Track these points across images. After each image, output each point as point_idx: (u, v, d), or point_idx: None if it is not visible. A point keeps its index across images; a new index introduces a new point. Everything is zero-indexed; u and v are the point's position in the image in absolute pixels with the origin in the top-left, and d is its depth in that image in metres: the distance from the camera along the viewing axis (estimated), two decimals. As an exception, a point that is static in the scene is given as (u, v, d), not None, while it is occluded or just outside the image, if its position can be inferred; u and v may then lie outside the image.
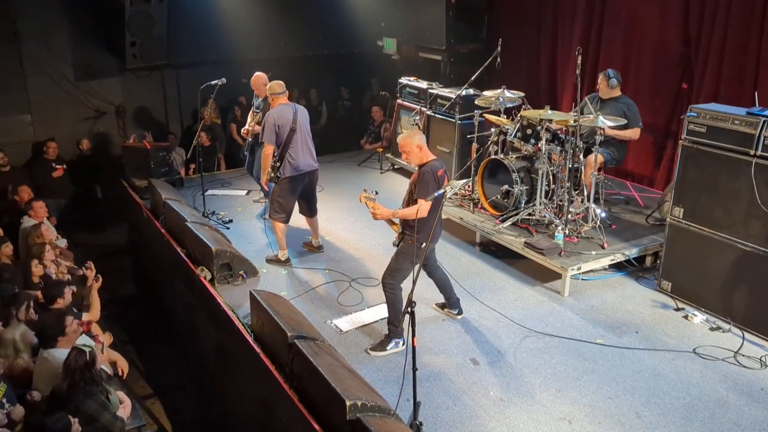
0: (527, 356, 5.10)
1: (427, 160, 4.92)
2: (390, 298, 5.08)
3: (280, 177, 6.31)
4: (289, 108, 6.31)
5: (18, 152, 9.34)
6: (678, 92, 7.62)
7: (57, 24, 9.50)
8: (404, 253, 5.01)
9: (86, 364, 4.19)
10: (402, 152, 5.02)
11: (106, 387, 4.40)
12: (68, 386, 4.15)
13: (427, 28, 9.99)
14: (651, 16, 7.70)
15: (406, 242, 4.98)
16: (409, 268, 5.03)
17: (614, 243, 6.37)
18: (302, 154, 6.32)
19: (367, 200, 4.98)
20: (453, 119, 8.17)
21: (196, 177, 8.26)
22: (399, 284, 5.07)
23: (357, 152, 10.55)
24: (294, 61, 11.15)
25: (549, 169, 6.55)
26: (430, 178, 4.80)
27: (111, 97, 10.19)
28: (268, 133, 6.18)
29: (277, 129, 6.18)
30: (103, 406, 4.14)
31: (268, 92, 6.44)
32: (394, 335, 5.12)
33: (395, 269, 5.06)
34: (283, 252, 6.58)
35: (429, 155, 4.96)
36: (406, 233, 4.99)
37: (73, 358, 4.20)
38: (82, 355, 4.20)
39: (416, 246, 4.83)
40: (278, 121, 6.19)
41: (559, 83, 9.11)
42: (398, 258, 5.06)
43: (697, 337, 5.32)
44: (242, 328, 5.27)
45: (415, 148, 4.89)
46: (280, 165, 6.28)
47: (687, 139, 5.58)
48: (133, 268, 8.83)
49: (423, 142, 4.94)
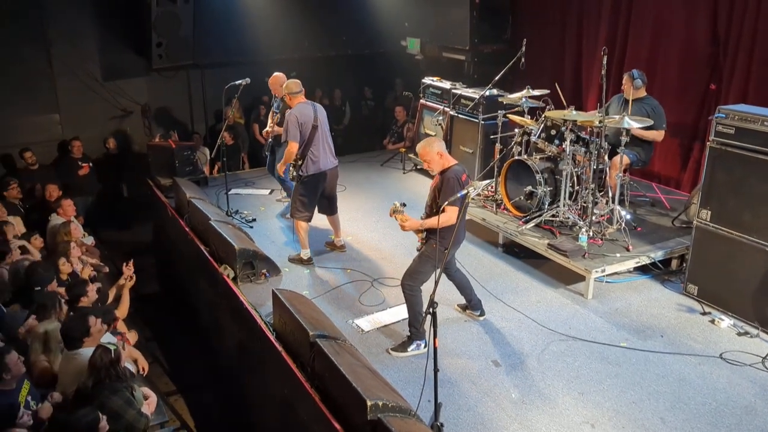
0: (550, 359, 5.06)
1: (449, 166, 4.89)
2: (409, 299, 5.06)
3: (302, 175, 6.33)
4: (309, 106, 6.34)
5: (46, 151, 9.53)
6: (705, 93, 7.50)
7: (85, 25, 9.65)
8: (427, 256, 4.99)
9: (111, 361, 4.24)
10: (423, 161, 4.99)
11: (130, 384, 4.45)
12: (93, 383, 4.21)
13: (451, 28, 9.96)
14: (678, 16, 7.59)
15: (430, 246, 4.95)
16: (429, 271, 5.01)
17: (639, 245, 6.29)
18: (323, 151, 6.35)
19: (396, 213, 4.94)
20: (476, 119, 8.14)
21: (220, 176, 8.32)
22: (419, 286, 5.04)
23: (380, 152, 10.55)
24: (318, 61, 11.20)
25: (573, 170, 6.49)
26: (455, 184, 4.75)
27: (137, 96, 10.32)
28: (293, 131, 6.19)
29: (300, 127, 6.20)
30: (128, 403, 4.19)
31: (285, 91, 6.43)
32: (415, 337, 5.10)
33: (416, 271, 5.05)
34: (306, 251, 6.60)
35: (450, 160, 4.93)
36: (430, 237, 4.96)
37: (98, 356, 4.25)
38: (108, 353, 4.25)
39: (439, 250, 4.81)
40: (301, 119, 6.21)
41: (584, 84, 9.02)
42: (420, 260, 5.04)
43: (723, 342, 5.23)
44: (264, 326, 5.30)
45: (435, 155, 4.86)
46: (302, 163, 6.29)
47: (715, 141, 5.49)
48: (158, 266, 8.93)
49: (443, 149, 4.90)
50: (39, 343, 4.78)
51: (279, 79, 7.46)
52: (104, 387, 4.14)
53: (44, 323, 4.86)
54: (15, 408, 4.18)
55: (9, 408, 4.16)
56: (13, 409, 4.17)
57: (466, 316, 5.63)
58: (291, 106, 6.36)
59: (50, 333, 4.82)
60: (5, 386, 4.19)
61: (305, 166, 6.30)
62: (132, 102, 10.29)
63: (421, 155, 4.96)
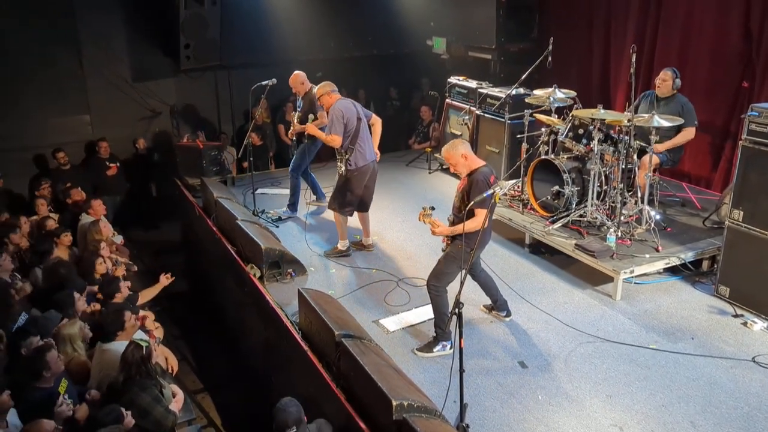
0: (577, 360, 5.00)
1: (476, 167, 4.84)
2: (435, 300, 5.03)
3: (350, 169, 6.33)
4: (349, 101, 6.41)
5: (77, 151, 9.69)
6: (737, 91, 7.36)
7: (115, 28, 9.80)
8: (452, 256, 4.96)
9: (143, 358, 4.30)
10: (449, 165, 4.97)
11: (160, 381, 4.50)
12: (124, 379, 4.27)
13: (477, 27, 9.91)
14: (709, 13, 7.46)
15: (455, 246, 4.92)
16: (455, 272, 4.97)
17: (669, 246, 6.20)
18: (369, 143, 6.42)
19: (425, 218, 4.89)
20: (503, 119, 8.08)
21: (247, 176, 8.38)
22: (444, 287, 5.02)
23: (405, 152, 10.55)
24: (343, 62, 11.23)
25: (601, 170, 6.41)
26: (483, 187, 4.69)
27: (166, 97, 10.45)
28: (337, 126, 6.18)
29: (345, 121, 6.20)
30: (156, 400, 4.24)
31: (322, 92, 6.43)
32: (441, 338, 5.08)
33: (442, 272, 5.02)
34: (345, 242, 6.69)
35: (477, 162, 4.88)
36: (455, 238, 4.93)
37: (130, 352, 4.31)
38: (139, 349, 4.31)
39: (465, 250, 4.79)
40: (346, 113, 6.23)
41: (612, 82, 8.91)
42: (446, 261, 5.01)
43: (756, 345, 5.12)
44: (290, 325, 5.33)
45: (460, 158, 4.83)
46: (349, 157, 6.29)
47: (748, 140, 5.38)
48: (186, 264, 9.04)
49: (467, 150, 4.87)
50: (67, 344, 4.86)
51: (299, 77, 7.47)
52: (134, 383, 4.21)
53: (66, 326, 4.94)
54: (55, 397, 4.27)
55: (49, 396, 4.24)
56: (52, 397, 4.25)
57: (492, 316, 5.60)
58: (329, 105, 6.36)
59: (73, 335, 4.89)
60: (44, 383, 4.27)
61: (354, 159, 6.31)
62: (160, 103, 10.42)
63: (446, 158, 4.95)
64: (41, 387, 4.25)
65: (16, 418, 4.06)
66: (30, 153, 9.39)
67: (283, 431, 3.91)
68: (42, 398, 4.22)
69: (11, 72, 9.07)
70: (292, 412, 3.94)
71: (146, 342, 4.43)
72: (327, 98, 6.40)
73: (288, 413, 3.93)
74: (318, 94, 6.48)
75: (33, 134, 9.40)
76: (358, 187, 6.45)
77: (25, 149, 9.34)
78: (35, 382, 4.23)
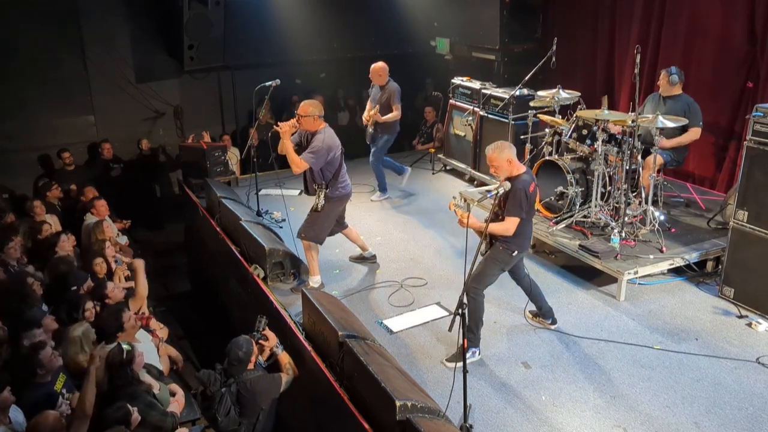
0: (581, 361, 5.00)
1: (517, 174, 4.77)
2: (472, 303, 4.86)
3: (327, 200, 5.94)
4: (331, 129, 5.99)
5: (82, 152, 9.74)
6: (742, 92, 7.34)
7: (119, 29, 9.84)
8: (494, 259, 4.89)
9: (122, 362, 4.26)
10: (490, 165, 4.84)
11: (150, 383, 4.50)
12: (109, 383, 4.28)
13: (481, 27, 9.90)
14: (714, 14, 7.44)
15: (497, 248, 4.87)
16: (497, 274, 4.95)
17: (673, 247, 6.19)
18: (346, 174, 6.09)
19: (457, 208, 4.82)
20: (506, 119, 8.08)
21: (250, 176, 8.39)
22: (483, 290, 4.92)
23: (409, 153, 10.54)
24: (347, 62, 11.24)
25: (605, 171, 6.40)
26: (521, 196, 4.67)
27: (169, 98, 10.48)
28: (321, 158, 5.75)
29: (330, 157, 5.81)
30: (149, 406, 4.20)
31: (307, 112, 5.80)
32: (471, 344, 4.95)
33: (483, 274, 4.91)
34: (316, 278, 6.14)
35: (519, 168, 4.80)
36: (496, 239, 4.88)
37: (112, 355, 4.31)
38: (120, 353, 4.28)
39: (507, 252, 4.80)
40: (333, 147, 5.82)
41: (617, 83, 8.90)
42: (486, 263, 4.91)
43: (761, 346, 5.11)
44: (294, 326, 5.33)
45: (504, 162, 4.74)
46: (329, 190, 5.92)
47: (752, 140, 5.37)
48: (190, 265, 9.05)
49: (513, 156, 4.76)
50: (76, 345, 4.87)
51: (383, 69, 7.87)
52: (123, 395, 4.17)
53: (75, 327, 4.95)
54: (54, 397, 4.29)
55: (47, 397, 4.26)
56: (51, 398, 4.27)
57: (537, 323, 5.51)
58: (313, 129, 5.85)
59: (82, 335, 4.90)
60: (41, 379, 4.29)
61: (334, 190, 5.96)
62: (164, 103, 10.45)
63: (489, 159, 4.81)
64: (39, 383, 4.27)
65: (20, 415, 4.08)
66: (35, 153, 9.42)
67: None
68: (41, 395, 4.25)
69: (16, 73, 9.11)
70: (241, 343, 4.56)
71: (130, 347, 4.41)
72: (312, 122, 5.83)
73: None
74: (303, 112, 5.81)
75: (38, 135, 9.45)
76: (335, 214, 6.12)
77: (29, 150, 9.38)
78: (32, 378, 4.24)
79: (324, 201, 5.92)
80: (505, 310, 5.69)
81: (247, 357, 4.54)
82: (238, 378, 4.50)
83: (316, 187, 5.91)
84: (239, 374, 4.51)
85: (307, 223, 6.06)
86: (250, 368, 4.57)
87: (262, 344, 4.75)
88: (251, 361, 4.56)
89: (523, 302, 5.68)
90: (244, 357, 4.52)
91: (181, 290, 8.61)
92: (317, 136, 5.80)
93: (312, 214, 6.01)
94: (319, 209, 5.92)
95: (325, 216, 6.00)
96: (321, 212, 5.94)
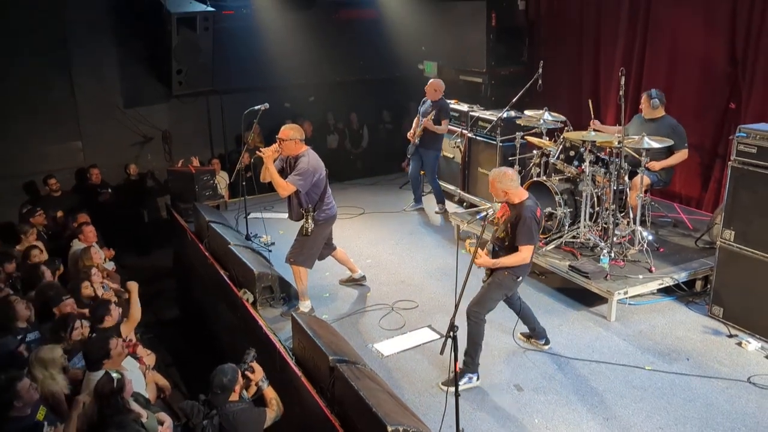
0: (573, 383, 4.97)
1: (520, 200, 4.77)
2: (473, 328, 4.85)
3: (317, 223, 5.91)
4: (314, 152, 5.96)
5: (69, 178, 9.68)
6: (725, 112, 7.44)
7: (107, 54, 9.83)
8: (499, 284, 4.86)
9: (113, 391, 4.19)
10: (491, 189, 4.85)
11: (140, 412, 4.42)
12: (98, 413, 4.20)
13: (468, 51, 10.00)
14: (696, 36, 7.56)
15: (501, 274, 4.84)
16: (499, 299, 4.94)
17: (662, 267, 6.21)
18: (331, 196, 6.08)
19: (472, 246, 4.79)
20: (494, 141, 8.14)
21: (240, 200, 8.36)
22: (484, 315, 4.88)
23: (398, 175, 10.56)
24: (336, 86, 11.31)
25: (593, 191, 6.44)
26: (532, 224, 4.67)
27: (158, 122, 10.46)
28: (307, 181, 5.71)
29: (316, 179, 5.77)
30: None
31: (292, 138, 5.76)
32: (468, 369, 4.92)
33: (486, 298, 4.88)
34: (306, 302, 6.13)
35: (523, 193, 4.81)
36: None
37: (101, 384, 4.23)
38: (110, 382, 4.21)
39: (512, 278, 4.79)
40: (318, 169, 5.79)
41: (602, 104, 8.98)
42: (491, 288, 4.88)
43: (752, 366, 5.12)
44: (284, 351, 5.29)
45: (508, 186, 4.76)
46: (316, 213, 5.90)
47: (737, 160, 5.43)
48: (178, 290, 8.97)
49: (516, 181, 4.78)
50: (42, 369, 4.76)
51: (439, 85, 8.30)
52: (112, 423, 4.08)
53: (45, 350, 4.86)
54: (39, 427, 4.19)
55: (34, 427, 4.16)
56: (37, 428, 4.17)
57: (530, 345, 5.48)
58: (295, 152, 5.81)
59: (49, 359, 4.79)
60: (19, 413, 4.18)
61: (320, 213, 5.94)
62: (153, 128, 10.43)
63: (491, 183, 4.83)
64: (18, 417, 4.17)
65: None
66: (20, 180, 9.37)
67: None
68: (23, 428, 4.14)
69: (2, 99, 9.06)
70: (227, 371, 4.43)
71: (119, 375, 4.34)
72: (294, 146, 5.78)
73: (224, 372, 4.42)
74: (284, 136, 5.77)
75: (24, 161, 9.38)
76: (323, 237, 6.13)
77: (16, 176, 9.32)
78: (8, 412, 4.14)
79: (313, 225, 5.88)
80: (495, 331, 5.66)
81: (231, 385, 4.37)
82: (221, 410, 4.33)
83: (303, 211, 5.87)
84: (222, 405, 4.33)
85: (295, 248, 6.02)
86: (234, 399, 4.39)
87: (248, 376, 4.62)
88: (235, 391, 4.39)
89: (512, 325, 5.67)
90: (228, 384, 4.35)
91: (169, 316, 8.52)
92: (301, 159, 5.79)
93: (300, 239, 5.98)
94: (309, 233, 5.87)
95: (313, 240, 5.97)
96: (310, 236, 5.90)
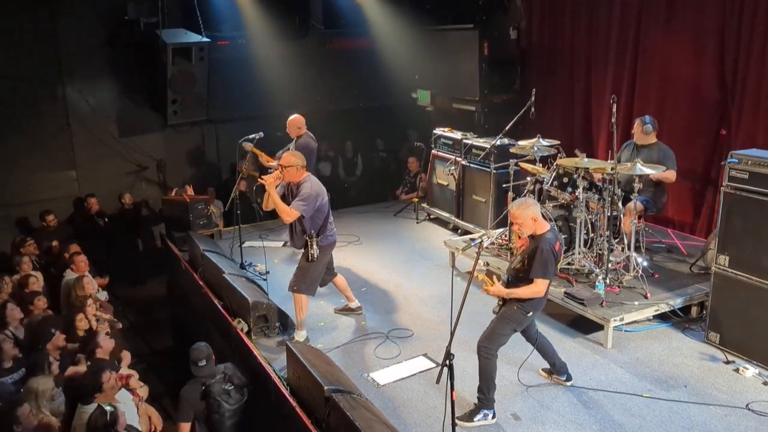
0: (571, 411, 4.93)
1: (541, 233, 4.74)
2: (484, 364, 4.77)
3: (320, 248, 5.91)
4: (315, 177, 6.04)
5: (64, 207, 9.65)
6: (716, 138, 7.52)
7: (102, 84, 9.89)
8: (507, 317, 4.80)
9: (106, 425, 4.14)
10: (515, 222, 4.80)
11: None
12: None
13: (461, 79, 10.11)
14: (685, 64, 7.66)
15: (511, 307, 4.78)
16: (509, 334, 4.84)
17: (657, 293, 6.21)
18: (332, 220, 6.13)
19: (479, 272, 4.73)
20: (488, 169, 8.18)
21: (234, 228, 8.36)
22: (496, 350, 4.80)
23: (392, 202, 10.60)
24: (330, 114, 11.37)
25: (587, 218, 6.46)
26: (549, 257, 4.63)
27: (152, 151, 10.48)
28: (310, 206, 5.75)
29: (319, 203, 5.82)
30: None
31: (293, 164, 5.81)
32: (483, 406, 4.82)
33: (495, 333, 4.81)
34: (302, 332, 6.11)
35: (544, 226, 4.77)
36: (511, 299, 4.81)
37: (94, 418, 4.19)
38: (103, 416, 4.16)
39: (522, 312, 4.73)
40: (321, 195, 5.84)
41: (594, 131, 9.08)
42: (500, 322, 4.82)
43: (749, 392, 5.09)
44: (278, 381, 5.23)
45: (529, 220, 4.70)
46: (320, 238, 5.90)
47: (729, 186, 5.46)
48: (172, 320, 8.89)
49: (538, 214, 4.73)
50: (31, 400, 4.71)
51: (298, 121, 7.97)
52: None
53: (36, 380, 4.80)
54: None
55: None
56: None
57: (552, 380, 5.38)
58: (297, 179, 5.86)
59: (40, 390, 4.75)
60: None
61: (324, 238, 5.96)
62: (147, 157, 10.45)
63: (513, 216, 4.79)
64: None
65: None
66: (15, 210, 9.33)
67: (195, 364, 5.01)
68: None
69: (-3, 128, 9.09)
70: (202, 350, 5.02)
71: (113, 408, 4.28)
72: (295, 173, 5.84)
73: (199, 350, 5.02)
74: (286, 163, 5.83)
75: (18, 191, 9.37)
76: (324, 263, 6.13)
77: (9, 206, 9.29)
78: None
79: (318, 250, 5.88)
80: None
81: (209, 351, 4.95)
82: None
83: (306, 237, 5.87)
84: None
85: (298, 275, 6.02)
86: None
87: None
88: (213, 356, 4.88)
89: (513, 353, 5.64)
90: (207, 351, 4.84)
91: (162, 346, 8.43)
92: (304, 185, 5.84)
93: (304, 266, 5.98)
94: (315, 259, 5.88)
95: (315, 266, 5.98)
96: (314, 262, 5.91)
